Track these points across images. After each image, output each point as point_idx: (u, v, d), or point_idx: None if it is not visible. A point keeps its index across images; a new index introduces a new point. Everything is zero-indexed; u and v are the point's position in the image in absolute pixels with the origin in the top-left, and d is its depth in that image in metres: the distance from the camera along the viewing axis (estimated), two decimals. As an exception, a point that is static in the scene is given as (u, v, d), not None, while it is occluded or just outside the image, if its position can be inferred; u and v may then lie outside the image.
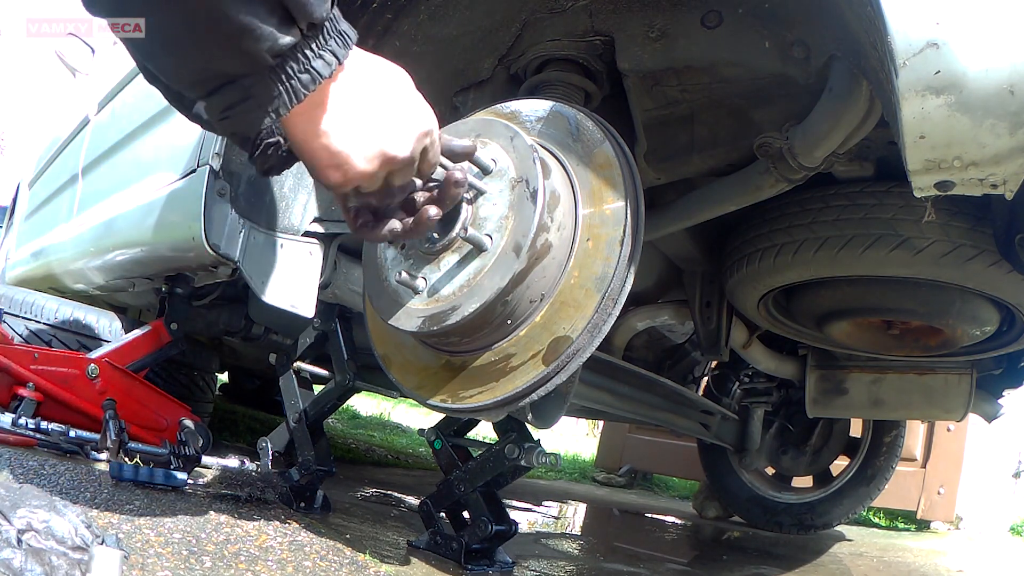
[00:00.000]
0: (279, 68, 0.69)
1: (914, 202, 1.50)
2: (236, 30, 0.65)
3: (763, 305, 1.97)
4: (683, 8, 1.27)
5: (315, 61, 0.71)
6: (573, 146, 1.13)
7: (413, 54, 1.40)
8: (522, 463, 1.37)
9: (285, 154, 0.79)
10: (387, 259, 1.15)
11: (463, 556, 1.43)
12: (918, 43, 0.78)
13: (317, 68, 0.71)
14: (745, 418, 3.02)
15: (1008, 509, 4.28)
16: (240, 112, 0.71)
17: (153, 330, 2.04)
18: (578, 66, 1.38)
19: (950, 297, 1.66)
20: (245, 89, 0.69)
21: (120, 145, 2.17)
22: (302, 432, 1.65)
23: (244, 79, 0.69)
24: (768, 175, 1.33)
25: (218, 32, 0.65)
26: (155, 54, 0.71)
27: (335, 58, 0.72)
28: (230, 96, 0.70)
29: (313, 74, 0.71)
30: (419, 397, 1.19)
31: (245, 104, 0.70)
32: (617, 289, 1.05)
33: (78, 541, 0.84)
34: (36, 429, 1.63)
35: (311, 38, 0.70)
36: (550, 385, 1.07)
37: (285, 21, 0.67)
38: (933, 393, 2.29)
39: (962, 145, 0.82)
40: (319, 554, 1.26)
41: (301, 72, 0.70)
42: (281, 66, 0.69)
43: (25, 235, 3.44)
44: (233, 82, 0.69)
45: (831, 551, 2.69)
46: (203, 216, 1.43)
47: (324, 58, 0.71)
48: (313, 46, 0.70)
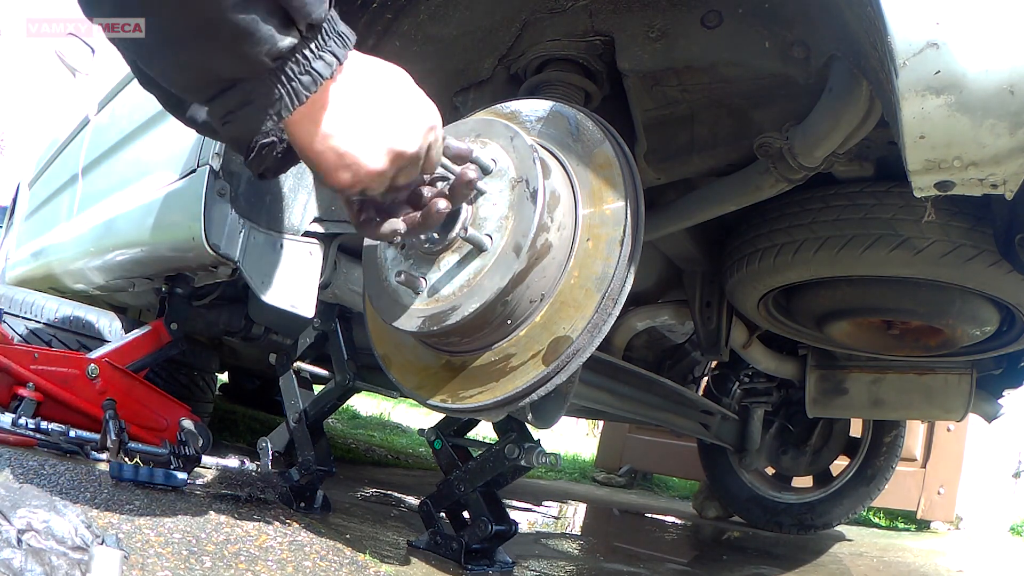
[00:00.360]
0: (279, 71, 0.68)
1: (914, 202, 1.50)
2: (235, 33, 0.65)
3: (763, 305, 1.97)
4: (683, 8, 1.27)
5: (315, 62, 0.70)
6: (573, 146, 1.13)
7: (413, 54, 1.40)
8: (522, 463, 1.37)
9: (281, 156, 0.78)
10: (387, 259, 1.15)
11: (463, 556, 1.43)
12: (918, 43, 0.79)
13: (318, 69, 0.70)
14: (745, 418, 3.02)
15: (1008, 509, 4.28)
16: (242, 116, 0.71)
17: (153, 330, 2.04)
18: (578, 66, 1.38)
19: (950, 297, 1.66)
20: (246, 93, 0.69)
21: (120, 145, 2.17)
22: (302, 432, 1.65)
23: (244, 83, 0.69)
24: (768, 175, 1.33)
25: (216, 35, 0.65)
26: (154, 59, 0.70)
27: (335, 58, 0.72)
28: (231, 100, 0.70)
29: (314, 75, 0.70)
30: (419, 397, 1.19)
31: (246, 108, 0.70)
32: (617, 289, 1.05)
33: (78, 541, 0.84)
34: (36, 429, 1.63)
35: (310, 39, 0.69)
36: (550, 385, 1.07)
37: (284, 23, 0.67)
38: (933, 393, 2.29)
39: (962, 145, 0.82)
40: (319, 554, 1.26)
41: (302, 74, 0.70)
42: (281, 68, 0.68)
43: (25, 235, 3.44)
44: (233, 86, 0.69)
45: (831, 551, 2.69)
46: (203, 216, 1.43)
47: (324, 59, 0.71)
48: (312, 47, 0.70)
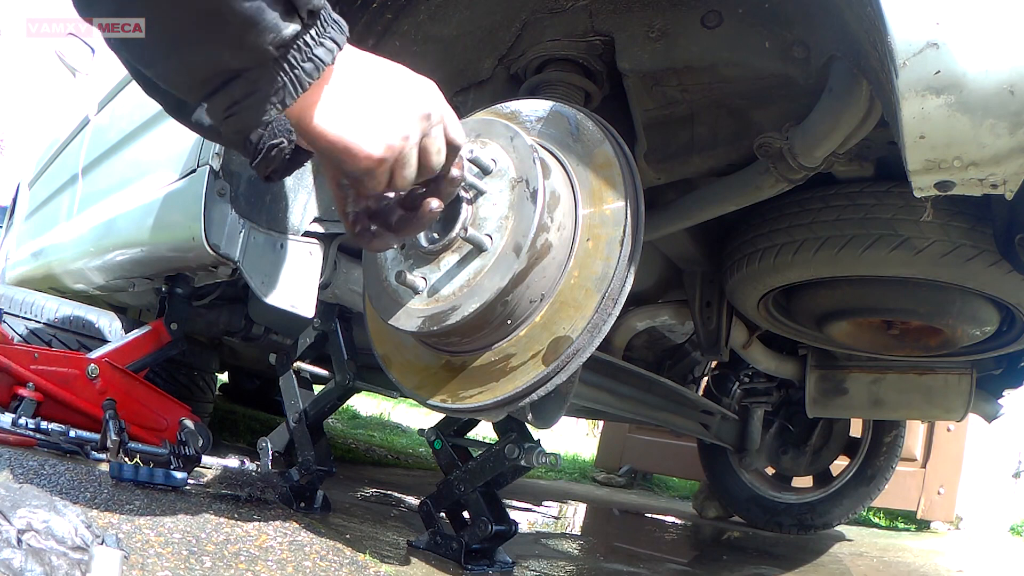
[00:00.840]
0: (282, 59, 0.69)
1: (914, 202, 1.49)
2: (240, 23, 0.65)
3: (763, 305, 1.97)
4: (683, 8, 1.27)
5: (317, 49, 0.71)
6: (573, 146, 1.13)
7: (413, 54, 1.41)
8: (522, 463, 1.37)
9: (288, 157, 0.78)
10: (387, 259, 1.15)
11: (463, 556, 1.43)
12: (918, 43, 0.79)
13: (319, 55, 0.71)
14: (745, 418, 3.02)
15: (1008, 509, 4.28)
16: (245, 107, 0.70)
17: (153, 330, 2.04)
18: (578, 66, 1.38)
19: (950, 297, 1.66)
20: (250, 83, 0.69)
21: (120, 145, 2.17)
22: (302, 432, 1.65)
23: (249, 72, 0.69)
24: (768, 175, 1.33)
25: (222, 26, 0.65)
26: (155, 58, 0.70)
27: (335, 44, 0.72)
28: (235, 92, 0.69)
29: (316, 62, 0.71)
30: (419, 397, 1.19)
31: (250, 99, 0.70)
32: (617, 289, 1.05)
33: (78, 541, 0.84)
34: (36, 429, 1.63)
35: (311, 26, 0.70)
36: (550, 385, 1.07)
37: (288, 10, 0.67)
38: (933, 393, 2.29)
39: (962, 145, 0.82)
40: (319, 554, 1.26)
41: (304, 61, 0.70)
42: (284, 56, 0.69)
43: (25, 235, 3.44)
44: (238, 76, 0.69)
45: (831, 551, 2.69)
46: (203, 216, 1.43)
47: (325, 45, 0.71)
48: (314, 33, 0.70)
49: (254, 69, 0.69)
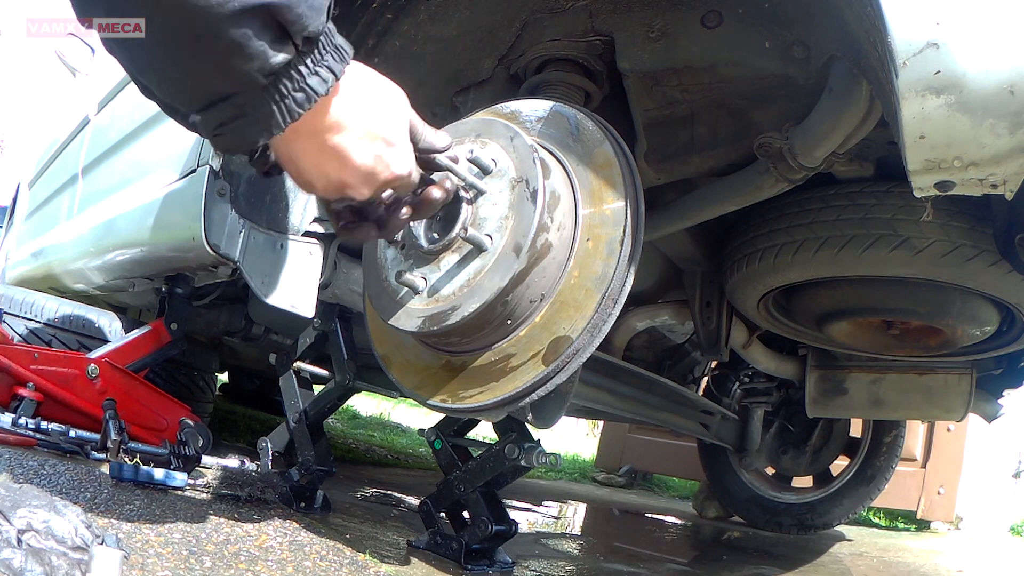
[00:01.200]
0: (272, 87, 0.67)
1: (914, 202, 1.49)
2: (225, 48, 0.63)
3: (763, 305, 1.97)
4: (683, 8, 1.27)
5: (310, 78, 0.69)
6: (573, 146, 1.13)
7: (413, 54, 1.40)
8: (522, 463, 1.37)
9: None
10: (387, 259, 1.15)
11: (463, 556, 1.43)
12: (918, 43, 0.79)
13: (312, 86, 0.69)
14: (745, 418, 3.02)
15: (1008, 509, 4.28)
16: (234, 129, 0.69)
17: (153, 330, 2.04)
18: (578, 66, 1.38)
19: (950, 297, 1.66)
20: (239, 107, 0.68)
21: (120, 145, 2.17)
22: (302, 432, 1.65)
23: (236, 97, 0.67)
24: (768, 175, 1.33)
25: (209, 49, 0.63)
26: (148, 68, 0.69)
27: (331, 74, 0.70)
28: (224, 113, 0.68)
29: (308, 92, 0.69)
30: (419, 397, 1.19)
31: (238, 122, 0.69)
32: (617, 289, 1.05)
33: (78, 541, 0.84)
34: (36, 429, 1.63)
35: (306, 54, 0.68)
36: (550, 385, 1.07)
37: (279, 38, 0.65)
38: (933, 393, 2.29)
39: (962, 145, 0.82)
40: (319, 554, 1.26)
41: (296, 91, 0.68)
42: (274, 85, 0.67)
43: (25, 235, 3.44)
44: (226, 99, 0.67)
45: (831, 551, 2.69)
46: (203, 216, 1.43)
47: (320, 75, 0.69)
48: (308, 62, 0.68)
49: (241, 94, 0.67)
